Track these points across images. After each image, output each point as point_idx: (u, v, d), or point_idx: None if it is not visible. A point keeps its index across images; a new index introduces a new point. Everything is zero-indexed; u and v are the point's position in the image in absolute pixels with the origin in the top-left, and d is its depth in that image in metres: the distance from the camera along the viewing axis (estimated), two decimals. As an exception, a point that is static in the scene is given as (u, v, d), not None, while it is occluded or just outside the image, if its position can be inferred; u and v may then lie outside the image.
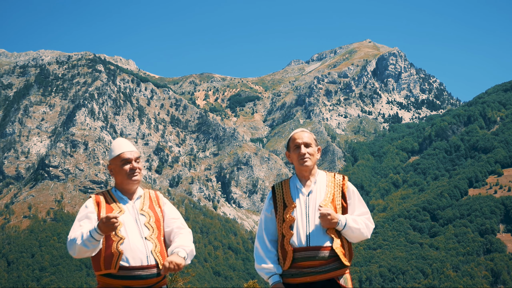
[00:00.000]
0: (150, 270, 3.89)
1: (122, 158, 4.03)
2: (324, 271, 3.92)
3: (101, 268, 3.88)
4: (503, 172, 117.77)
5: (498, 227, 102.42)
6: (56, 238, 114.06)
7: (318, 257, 3.92)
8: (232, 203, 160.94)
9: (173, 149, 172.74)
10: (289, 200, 4.09)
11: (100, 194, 4.08)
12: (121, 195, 4.08)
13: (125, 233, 3.91)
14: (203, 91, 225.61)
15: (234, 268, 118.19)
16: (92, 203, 4.02)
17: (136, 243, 3.89)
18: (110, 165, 4.10)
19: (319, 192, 4.08)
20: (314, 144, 4.14)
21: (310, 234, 3.95)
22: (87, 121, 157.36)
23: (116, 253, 3.84)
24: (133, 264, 3.85)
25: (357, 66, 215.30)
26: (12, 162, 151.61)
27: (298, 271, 3.95)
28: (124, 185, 4.07)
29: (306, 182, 4.13)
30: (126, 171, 4.02)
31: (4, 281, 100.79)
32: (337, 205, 4.05)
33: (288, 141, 4.22)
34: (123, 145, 4.09)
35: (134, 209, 4.03)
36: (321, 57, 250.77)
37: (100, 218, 3.80)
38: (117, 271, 3.84)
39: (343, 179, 4.13)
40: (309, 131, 4.23)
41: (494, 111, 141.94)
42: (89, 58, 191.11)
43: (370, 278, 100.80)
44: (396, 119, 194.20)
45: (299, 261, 3.95)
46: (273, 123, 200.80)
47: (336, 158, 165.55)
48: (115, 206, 4.01)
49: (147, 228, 3.98)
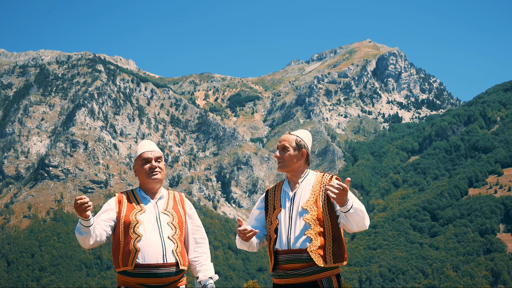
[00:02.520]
0: (167, 269, 3.98)
1: (143, 157, 4.15)
2: (306, 273, 3.91)
3: (119, 265, 4.00)
4: (503, 172, 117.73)
5: (498, 227, 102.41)
6: (56, 238, 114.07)
7: (299, 259, 3.91)
8: (232, 203, 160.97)
9: (173, 149, 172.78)
10: (277, 203, 4.11)
11: (124, 193, 4.21)
12: (144, 195, 4.18)
13: (143, 231, 4.01)
14: (203, 91, 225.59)
15: (234, 268, 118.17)
16: (114, 200, 4.16)
17: (153, 241, 3.99)
18: (134, 165, 4.24)
19: (303, 194, 4.04)
20: (292, 148, 4.06)
21: (291, 237, 3.95)
22: (87, 121, 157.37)
23: (133, 250, 3.96)
24: (148, 261, 3.95)
25: (357, 66, 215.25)
26: (12, 162, 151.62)
27: (284, 273, 3.98)
28: (146, 184, 4.17)
29: (294, 185, 4.11)
30: (146, 170, 4.13)
31: (4, 281, 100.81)
32: (321, 206, 3.98)
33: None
34: (144, 145, 4.22)
35: (156, 209, 4.14)
36: (321, 57, 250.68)
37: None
38: (133, 268, 3.95)
39: (330, 179, 4.04)
40: (297, 133, 4.15)
41: (494, 111, 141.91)
42: (89, 58, 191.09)
43: (370, 278, 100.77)
44: (396, 119, 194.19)
45: (282, 263, 3.98)
46: (273, 123, 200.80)
47: (336, 158, 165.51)
48: (136, 205, 4.12)
49: (170, 228, 4.10)
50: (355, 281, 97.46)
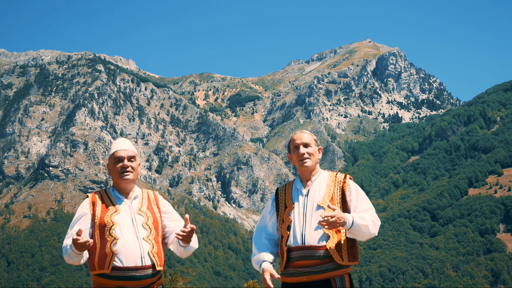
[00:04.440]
0: (145, 271, 3.87)
1: (115, 156, 4.01)
2: (319, 271, 3.90)
3: (95, 268, 3.88)
4: (503, 172, 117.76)
5: (498, 227, 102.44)
6: (56, 238, 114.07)
7: (313, 256, 3.91)
8: (232, 203, 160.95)
9: (173, 149, 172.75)
10: (289, 201, 4.12)
11: (97, 194, 4.05)
12: (118, 195, 4.05)
13: (120, 233, 3.89)
14: (203, 91, 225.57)
15: (234, 268, 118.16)
16: (87, 203, 4.01)
17: (130, 244, 3.88)
18: (108, 164, 4.11)
19: (317, 192, 4.07)
20: (314, 144, 4.13)
21: (305, 234, 3.95)
22: (87, 121, 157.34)
23: (109, 253, 3.84)
24: (126, 264, 3.84)
25: (357, 66, 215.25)
26: (12, 162, 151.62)
27: (295, 271, 3.96)
28: (118, 184, 4.03)
29: (306, 183, 4.14)
30: (118, 169, 3.99)
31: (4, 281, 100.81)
32: (337, 204, 4.02)
33: (289, 143, 4.24)
34: (119, 144, 4.09)
35: (131, 209, 4.01)
36: (321, 57, 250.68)
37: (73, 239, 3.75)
38: (111, 271, 3.84)
39: (345, 178, 4.10)
40: (309, 131, 4.22)
41: (494, 111, 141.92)
42: (89, 58, 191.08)
43: (370, 278, 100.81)
44: (396, 119, 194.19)
45: (295, 260, 3.96)
46: (273, 123, 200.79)
47: (336, 158, 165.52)
48: (111, 206, 3.98)
49: (145, 228, 3.96)
50: (355, 281, 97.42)
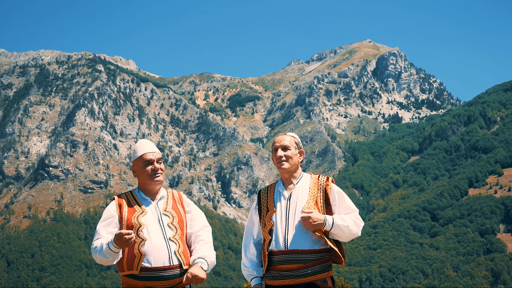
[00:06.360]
0: (173, 271, 3.95)
1: (145, 159, 4.07)
2: (302, 274, 3.89)
3: (124, 269, 3.97)
4: (503, 172, 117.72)
5: (498, 227, 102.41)
6: (56, 238, 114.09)
7: (295, 260, 3.90)
8: (232, 203, 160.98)
9: (173, 149, 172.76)
10: (271, 205, 4.13)
11: (123, 196, 4.14)
12: (144, 196, 4.11)
13: (148, 234, 3.97)
14: (203, 91, 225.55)
15: (234, 268, 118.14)
16: (114, 205, 4.08)
17: (158, 244, 3.95)
18: (133, 166, 4.15)
19: (300, 195, 4.05)
20: (294, 147, 4.11)
21: (288, 238, 3.94)
22: (87, 121, 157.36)
23: (137, 255, 3.92)
24: (155, 265, 3.92)
25: (357, 66, 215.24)
26: (12, 162, 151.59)
27: (278, 274, 3.95)
28: (146, 185, 4.10)
29: (288, 185, 4.13)
30: (149, 172, 4.06)
31: (4, 281, 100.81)
32: (320, 207, 4.00)
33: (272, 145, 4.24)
34: (145, 146, 4.13)
35: (157, 210, 4.08)
36: (321, 57, 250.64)
37: (114, 234, 3.84)
38: (139, 272, 3.92)
39: (327, 180, 4.08)
40: (292, 134, 4.20)
41: (494, 111, 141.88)
42: (89, 58, 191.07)
43: (370, 278, 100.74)
44: (396, 119, 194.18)
45: (277, 264, 3.96)
46: (273, 123, 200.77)
47: (336, 158, 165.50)
48: (138, 208, 4.06)
49: (171, 228, 4.04)
50: (355, 281, 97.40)
